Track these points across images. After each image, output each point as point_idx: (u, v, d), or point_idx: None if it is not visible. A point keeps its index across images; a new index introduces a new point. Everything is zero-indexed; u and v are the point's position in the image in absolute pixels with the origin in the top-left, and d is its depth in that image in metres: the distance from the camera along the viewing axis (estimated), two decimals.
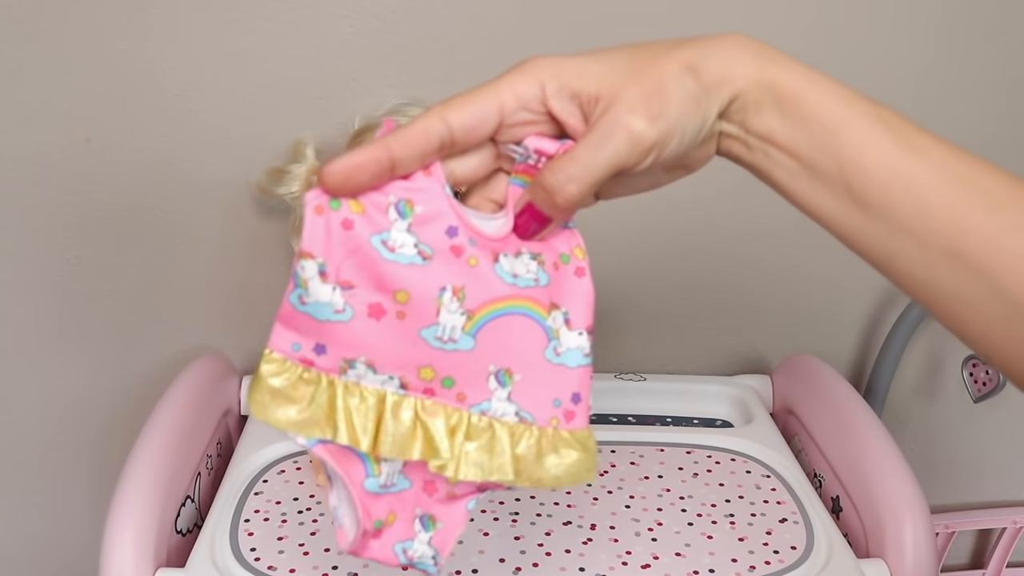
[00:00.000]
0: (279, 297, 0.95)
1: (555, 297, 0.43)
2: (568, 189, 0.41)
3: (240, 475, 0.73)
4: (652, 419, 0.88)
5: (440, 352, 0.42)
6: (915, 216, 0.40)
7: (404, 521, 0.44)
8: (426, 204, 0.41)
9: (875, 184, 0.41)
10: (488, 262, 0.42)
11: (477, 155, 0.43)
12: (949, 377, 1.02)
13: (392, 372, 0.42)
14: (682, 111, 0.40)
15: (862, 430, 0.77)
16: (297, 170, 0.80)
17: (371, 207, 0.40)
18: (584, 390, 0.44)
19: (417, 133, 0.40)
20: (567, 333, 0.44)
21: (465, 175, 0.43)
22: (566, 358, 0.44)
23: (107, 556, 0.64)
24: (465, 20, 0.82)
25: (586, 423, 0.44)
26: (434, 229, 0.41)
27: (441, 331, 0.42)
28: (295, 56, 0.83)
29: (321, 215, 0.40)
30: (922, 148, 0.41)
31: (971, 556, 1.12)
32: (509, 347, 0.43)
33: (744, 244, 0.94)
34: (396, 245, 0.41)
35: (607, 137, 0.40)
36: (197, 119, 0.84)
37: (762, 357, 0.98)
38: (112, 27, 0.80)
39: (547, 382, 0.43)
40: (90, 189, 0.86)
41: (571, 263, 0.44)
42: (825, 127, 0.41)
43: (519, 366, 0.43)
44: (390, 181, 0.41)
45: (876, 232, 0.42)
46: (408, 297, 0.41)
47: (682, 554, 0.65)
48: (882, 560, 0.68)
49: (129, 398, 0.93)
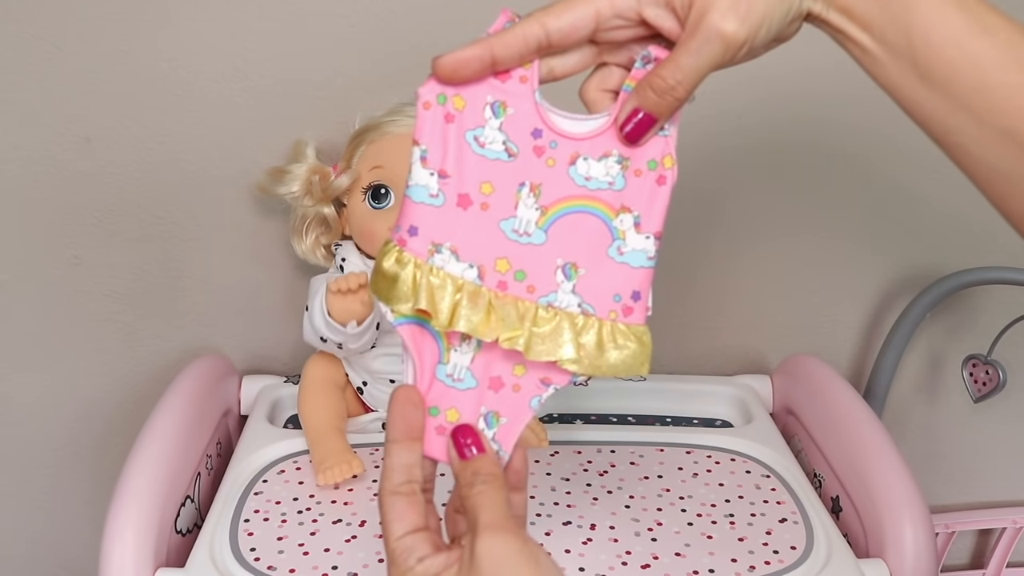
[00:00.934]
0: (279, 297, 0.95)
1: (628, 201, 0.46)
2: (677, 91, 0.45)
3: (240, 475, 0.73)
4: (652, 419, 0.88)
5: (515, 244, 0.46)
6: (976, 93, 0.43)
7: (468, 419, 0.46)
8: (517, 107, 0.46)
9: (941, 60, 0.43)
10: (565, 164, 0.46)
11: (576, 54, 0.47)
12: (949, 377, 1.02)
13: (472, 260, 0.46)
14: (768, 5, 0.43)
15: (862, 430, 0.77)
16: (297, 170, 0.80)
17: (472, 104, 0.45)
18: (644, 290, 0.47)
19: (517, 36, 0.45)
20: (634, 235, 0.47)
21: (564, 71, 0.47)
22: (629, 258, 0.46)
23: (107, 556, 0.64)
24: (465, 20, 0.82)
25: (643, 320, 0.47)
26: (522, 129, 0.46)
27: (518, 224, 0.46)
28: (295, 56, 0.83)
29: (428, 109, 0.45)
30: (993, 28, 0.42)
31: (971, 556, 1.12)
32: (576, 243, 0.46)
33: (744, 244, 0.94)
34: (487, 141, 0.45)
35: (704, 43, 0.44)
36: (197, 119, 0.84)
37: (762, 357, 0.98)
38: (112, 27, 0.80)
39: (609, 278, 0.46)
40: (90, 189, 0.86)
41: (656, 170, 0.47)
42: (898, 2, 0.43)
43: (584, 261, 0.46)
44: (492, 75, 0.45)
45: (937, 107, 0.44)
46: (492, 189, 0.46)
47: (682, 554, 0.65)
48: (882, 560, 0.68)
49: (129, 398, 0.93)
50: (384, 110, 0.81)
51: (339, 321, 0.71)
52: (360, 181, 0.78)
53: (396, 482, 0.43)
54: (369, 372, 0.78)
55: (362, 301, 0.71)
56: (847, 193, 0.92)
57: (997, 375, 0.94)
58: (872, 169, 0.92)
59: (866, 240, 0.95)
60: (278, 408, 0.86)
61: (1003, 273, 0.87)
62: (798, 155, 0.89)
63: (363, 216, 0.78)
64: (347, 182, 0.78)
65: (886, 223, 0.94)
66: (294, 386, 0.86)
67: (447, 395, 0.46)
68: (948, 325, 0.99)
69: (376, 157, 0.78)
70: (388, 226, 0.77)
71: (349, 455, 0.72)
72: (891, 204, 0.94)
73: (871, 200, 0.93)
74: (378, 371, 0.77)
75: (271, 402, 0.85)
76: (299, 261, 0.85)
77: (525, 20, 0.45)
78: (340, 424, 0.76)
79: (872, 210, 0.94)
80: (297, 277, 0.89)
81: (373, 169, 0.78)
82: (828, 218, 0.93)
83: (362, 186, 0.78)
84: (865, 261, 0.96)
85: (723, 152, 0.87)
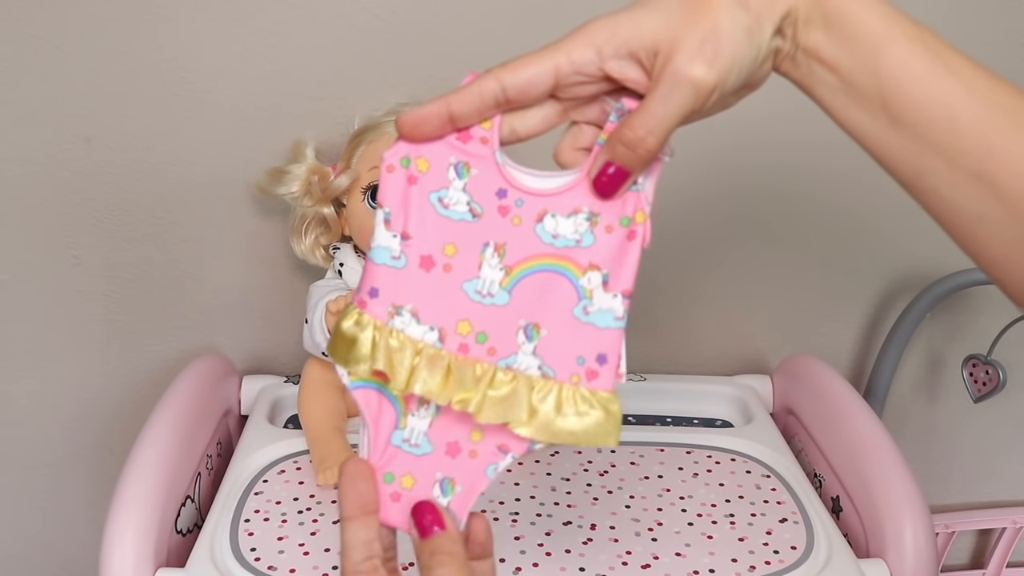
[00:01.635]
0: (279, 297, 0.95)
1: (596, 258, 0.45)
2: (648, 142, 0.44)
3: (240, 475, 0.73)
4: (652, 419, 0.88)
5: (478, 306, 0.45)
6: (946, 135, 0.42)
7: (423, 486, 0.45)
8: (480, 168, 0.45)
9: (910, 102, 0.43)
10: (532, 221, 0.45)
11: (539, 113, 0.46)
12: (949, 377, 1.02)
13: (433, 323, 0.45)
14: (736, 48, 0.43)
15: (862, 430, 0.77)
16: (297, 170, 0.80)
17: (435, 166, 0.45)
18: (612, 352, 0.45)
19: (473, 92, 0.45)
20: (602, 294, 0.45)
21: (528, 132, 0.46)
22: (595, 318, 0.45)
23: (107, 556, 0.64)
24: (465, 20, 0.83)
25: (611, 386, 0.45)
26: (486, 190, 0.45)
27: (481, 285, 0.45)
28: (295, 56, 0.83)
29: (392, 172, 0.45)
30: (958, 70, 0.42)
31: (971, 556, 1.12)
32: (540, 303, 0.45)
33: (744, 244, 0.94)
34: (451, 202, 0.45)
35: (673, 90, 0.43)
36: (197, 119, 0.84)
37: (762, 357, 0.98)
38: (112, 27, 0.80)
39: (573, 339, 0.45)
40: (90, 189, 0.86)
41: (628, 226, 0.45)
42: (867, 44, 0.43)
43: (547, 322, 0.45)
44: (455, 135, 0.45)
45: (908, 150, 0.44)
46: (455, 251, 0.45)
47: (682, 554, 0.65)
48: (882, 560, 0.68)
49: (129, 398, 0.93)
50: (384, 110, 0.81)
51: None
52: (359, 181, 0.78)
53: (356, 559, 0.42)
54: None
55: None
56: (847, 193, 0.92)
57: (997, 375, 0.94)
58: (872, 169, 0.91)
59: (866, 240, 0.95)
60: (278, 408, 0.86)
61: None
62: (798, 155, 0.89)
63: (362, 216, 0.78)
64: (346, 182, 0.78)
65: (886, 223, 0.94)
66: (294, 386, 0.86)
67: (403, 461, 0.45)
68: (948, 325, 0.99)
69: (375, 157, 0.78)
70: None
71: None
72: (891, 204, 0.94)
73: (871, 200, 0.93)
74: None
75: (271, 402, 0.85)
76: (299, 261, 0.85)
77: (482, 76, 0.45)
78: (340, 424, 0.76)
79: (872, 210, 0.94)
80: (297, 277, 0.89)
81: (372, 169, 0.78)
82: (828, 218, 0.93)
83: (361, 186, 0.78)
84: (865, 261, 0.96)
85: (723, 153, 0.87)
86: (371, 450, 0.45)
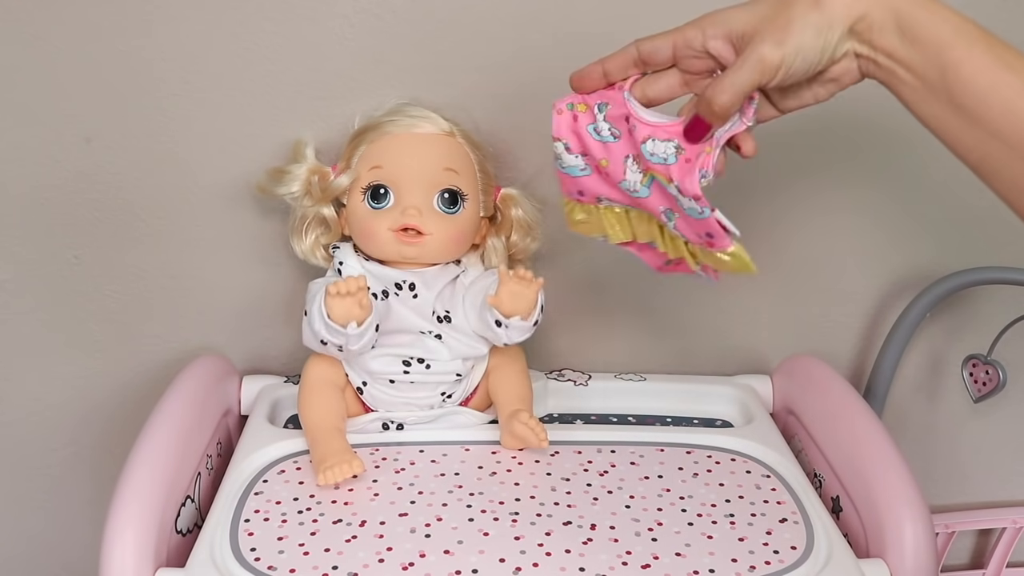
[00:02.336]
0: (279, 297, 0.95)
1: (674, 173, 0.63)
2: (720, 99, 0.57)
3: (240, 475, 0.73)
4: (652, 419, 0.88)
5: (632, 198, 0.68)
6: (1004, 120, 0.50)
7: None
8: (613, 103, 0.65)
9: (971, 93, 0.51)
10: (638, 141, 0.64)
11: (664, 81, 0.64)
12: (949, 377, 1.01)
13: (619, 204, 0.70)
14: (802, 37, 0.54)
15: (862, 430, 0.77)
16: (297, 170, 0.80)
17: (587, 108, 0.66)
18: (713, 230, 0.64)
19: (619, 55, 0.64)
20: (682, 197, 0.63)
21: (657, 96, 0.64)
22: (690, 212, 0.64)
23: (107, 556, 0.64)
24: (465, 20, 0.83)
25: (727, 245, 0.65)
26: (618, 117, 0.65)
27: (628, 185, 0.66)
28: (295, 56, 0.83)
29: (560, 114, 0.66)
30: (1017, 67, 0.51)
31: (971, 556, 1.12)
32: (668, 196, 0.65)
33: (744, 244, 0.93)
34: (600, 130, 0.66)
35: (745, 60, 0.56)
36: (197, 119, 0.84)
37: (762, 357, 0.98)
38: (111, 27, 0.80)
39: (689, 223, 0.65)
40: (90, 189, 0.86)
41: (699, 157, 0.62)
42: (934, 46, 0.52)
43: (676, 209, 0.65)
44: (606, 85, 0.65)
45: (972, 136, 0.52)
46: (608, 163, 0.66)
47: (682, 554, 0.65)
48: (882, 560, 0.68)
49: (129, 398, 0.93)
50: (384, 110, 0.81)
51: (338, 323, 0.71)
52: (359, 181, 0.78)
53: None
54: (369, 372, 0.78)
55: (360, 303, 0.71)
56: (847, 193, 0.92)
57: (997, 375, 0.94)
58: (872, 169, 0.92)
59: (866, 240, 0.95)
60: (278, 408, 0.86)
61: (1003, 273, 0.87)
62: (798, 156, 0.89)
63: (362, 216, 0.78)
64: (346, 182, 0.78)
65: (886, 223, 0.94)
66: (294, 386, 0.86)
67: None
68: (948, 325, 0.99)
69: (376, 157, 0.78)
70: (387, 226, 0.77)
71: (349, 455, 0.72)
72: (891, 204, 0.94)
73: (871, 200, 0.93)
74: (378, 371, 0.77)
75: (271, 402, 0.85)
76: (299, 261, 0.85)
77: (625, 47, 0.63)
78: (340, 424, 0.76)
79: (872, 210, 0.94)
80: (297, 277, 0.89)
81: (372, 169, 0.78)
82: (828, 218, 0.93)
83: (361, 186, 0.78)
84: (865, 261, 0.96)
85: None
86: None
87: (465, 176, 0.79)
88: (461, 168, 0.79)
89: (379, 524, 0.67)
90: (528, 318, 0.74)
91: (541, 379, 0.88)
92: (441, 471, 0.74)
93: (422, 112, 0.79)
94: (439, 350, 0.77)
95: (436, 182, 0.77)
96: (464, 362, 0.79)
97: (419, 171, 0.77)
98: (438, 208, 0.78)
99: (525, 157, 0.86)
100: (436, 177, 0.77)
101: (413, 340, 0.77)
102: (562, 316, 0.92)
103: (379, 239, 0.77)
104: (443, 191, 0.78)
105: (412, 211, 0.76)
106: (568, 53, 0.68)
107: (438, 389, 0.79)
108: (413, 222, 0.76)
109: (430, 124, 0.78)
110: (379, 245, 0.78)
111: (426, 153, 0.78)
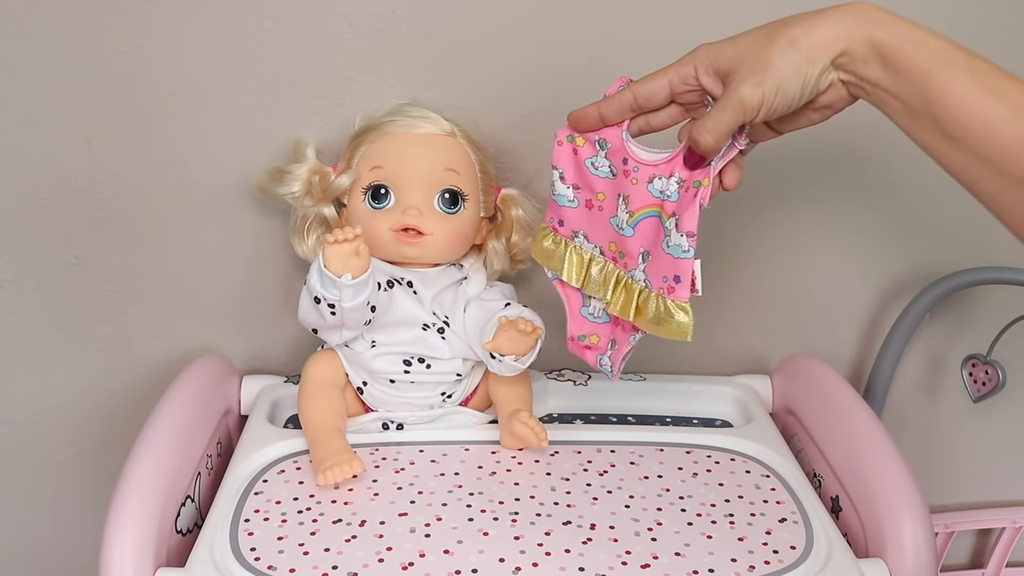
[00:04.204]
0: (279, 297, 0.95)
1: (677, 209, 0.64)
2: (704, 138, 0.60)
3: (240, 475, 0.73)
4: (652, 419, 0.88)
5: (618, 234, 0.69)
6: (988, 146, 0.50)
7: (604, 341, 0.74)
8: (613, 142, 0.67)
9: (954, 119, 0.51)
10: (644, 182, 0.66)
11: (666, 113, 0.66)
12: (949, 377, 1.02)
13: (596, 243, 0.71)
14: (781, 76, 0.56)
15: (862, 430, 0.78)
16: (297, 170, 0.80)
17: (588, 142, 0.68)
18: (684, 274, 0.65)
19: (614, 101, 0.65)
20: (675, 233, 0.64)
21: (659, 124, 0.66)
22: (673, 250, 0.65)
23: (107, 556, 0.64)
24: (465, 20, 0.83)
25: (684, 297, 0.65)
26: (617, 158, 0.67)
27: (617, 221, 0.68)
28: (295, 56, 0.83)
29: (561, 145, 0.69)
30: (1002, 91, 0.51)
31: (971, 556, 1.12)
32: (648, 237, 0.67)
33: (744, 244, 0.94)
34: (599, 165, 0.68)
35: (728, 102, 0.58)
36: (197, 119, 0.84)
37: (762, 357, 0.98)
38: (111, 27, 0.80)
39: (662, 264, 0.66)
40: (90, 189, 0.86)
41: (696, 188, 0.63)
42: (916, 76, 0.53)
43: (652, 250, 0.67)
44: (603, 127, 0.67)
45: (962, 160, 0.53)
46: (604, 196, 0.69)
47: (682, 554, 0.65)
48: (882, 560, 0.68)
49: (129, 398, 0.93)
50: (384, 110, 0.82)
51: (334, 272, 0.70)
52: (360, 181, 0.78)
53: None
54: (369, 372, 0.78)
55: (357, 251, 0.70)
56: (847, 193, 0.93)
57: (997, 375, 0.94)
58: (872, 170, 0.92)
59: (866, 240, 0.95)
60: (278, 408, 0.86)
61: (1003, 273, 0.87)
62: (798, 157, 0.89)
63: (363, 216, 0.78)
64: (347, 182, 0.78)
65: (886, 223, 0.94)
66: (294, 386, 0.86)
67: (588, 326, 0.74)
68: (948, 325, 0.99)
69: (376, 157, 0.78)
70: (388, 226, 0.77)
71: (349, 455, 0.72)
72: (891, 204, 0.94)
73: (871, 200, 0.93)
74: (378, 371, 0.77)
75: (271, 402, 0.85)
76: (299, 261, 0.85)
77: (621, 91, 0.65)
78: (340, 424, 0.76)
79: (872, 210, 0.94)
80: (297, 277, 0.89)
81: (373, 169, 0.78)
82: (828, 218, 0.93)
83: (362, 186, 0.78)
84: (865, 261, 0.96)
85: None
86: (569, 319, 0.74)
87: (466, 176, 0.79)
88: (462, 168, 0.79)
89: (379, 524, 0.67)
90: (523, 360, 0.75)
91: (541, 379, 0.88)
92: (441, 471, 0.74)
93: (423, 112, 0.79)
94: (440, 347, 0.77)
95: (437, 182, 0.77)
96: (464, 362, 0.79)
97: (420, 171, 0.77)
98: (439, 208, 0.78)
99: (525, 158, 0.86)
100: (437, 177, 0.77)
101: (414, 337, 0.77)
102: (562, 316, 0.92)
103: (380, 239, 0.77)
104: (444, 191, 0.78)
105: (413, 211, 0.76)
106: (568, 53, 0.68)
107: (438, 389, 0.79)
108: (414, 222, 0.76)
109: (431, 124, 0.78)
110: (380, 245, 0.78)
111: (427, 153, 0.78)
